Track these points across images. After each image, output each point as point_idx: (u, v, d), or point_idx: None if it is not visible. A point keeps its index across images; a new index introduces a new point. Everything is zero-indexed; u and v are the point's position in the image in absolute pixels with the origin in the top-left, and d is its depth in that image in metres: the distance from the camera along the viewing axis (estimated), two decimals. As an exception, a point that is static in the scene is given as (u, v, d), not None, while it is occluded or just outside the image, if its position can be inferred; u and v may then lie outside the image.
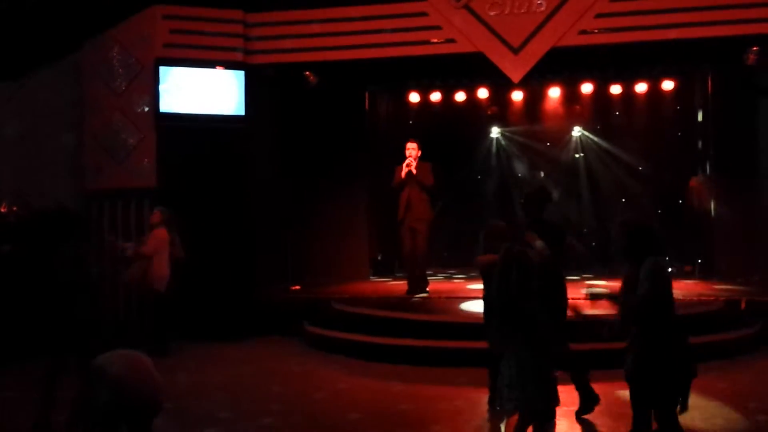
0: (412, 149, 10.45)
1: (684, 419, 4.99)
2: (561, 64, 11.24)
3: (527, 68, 10.45)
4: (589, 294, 6.24)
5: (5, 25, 9.81)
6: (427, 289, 10.86)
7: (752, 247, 11.35)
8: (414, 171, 10.34)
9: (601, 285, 10.22)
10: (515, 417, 5.07)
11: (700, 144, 12.64)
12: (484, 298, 6.64)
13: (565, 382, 6.80)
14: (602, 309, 5.97)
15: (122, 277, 9.89)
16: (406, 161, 10.40)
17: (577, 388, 6.49)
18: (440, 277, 13.08)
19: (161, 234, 9.44)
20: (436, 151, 11.25)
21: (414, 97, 13.48)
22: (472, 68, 11.48)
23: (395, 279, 12.71)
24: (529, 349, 4.91)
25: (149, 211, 10.16)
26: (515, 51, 10.42)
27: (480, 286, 11.53)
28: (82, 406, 5.84)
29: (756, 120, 11.58)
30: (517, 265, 4.98)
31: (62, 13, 10.06)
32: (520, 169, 14.13)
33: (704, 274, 12.16)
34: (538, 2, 10.28)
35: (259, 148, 11.44)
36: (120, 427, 3.98)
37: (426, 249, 10.74)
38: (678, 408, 4.64)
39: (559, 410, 6.31)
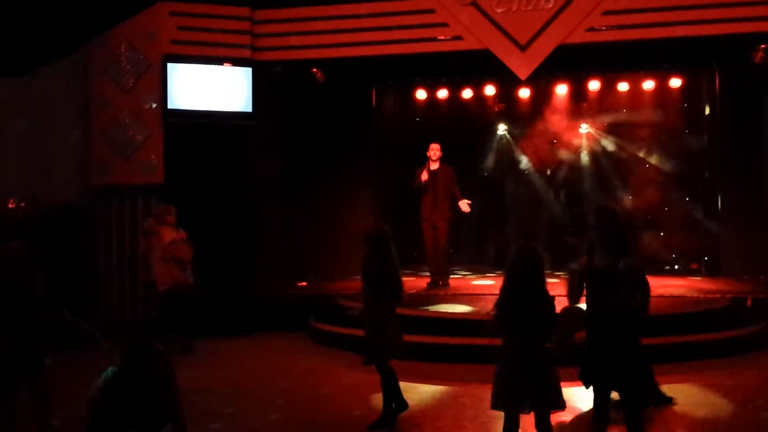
0: (435, 149, 10.71)
1: (691, 416, 5.00)
2: (568, 61, 11.22)
3: (534, 65, 10.46)
4: None
5: (13, 22, 9.85)
6: (447, 282, 11.07)
7: (759, 244, 11.32)
8: (431, 171, 10.64)
9: None
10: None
11: (706, 141, 12.60)
12: None
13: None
14: None
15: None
16: (424, 166, 10.67)
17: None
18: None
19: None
20: (442, 147, 11.25)
21: (421, 94, 13.45)
22: (479, 65, 11.49)
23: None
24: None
25: (156, 207, 10.15)
26: (522, 48, 10.42)
27: (483, 282, 11.66)
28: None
29: (763, 118, 11.53)
30: None
31: (70, 10, 10.10)
32: (527, 165, 14.08)
33: (710, 271, 12.13)
34: (546, -1, 10.28)
35: (266, 144, 11.47)
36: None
37: (447, 244, 10.97)
38: None
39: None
